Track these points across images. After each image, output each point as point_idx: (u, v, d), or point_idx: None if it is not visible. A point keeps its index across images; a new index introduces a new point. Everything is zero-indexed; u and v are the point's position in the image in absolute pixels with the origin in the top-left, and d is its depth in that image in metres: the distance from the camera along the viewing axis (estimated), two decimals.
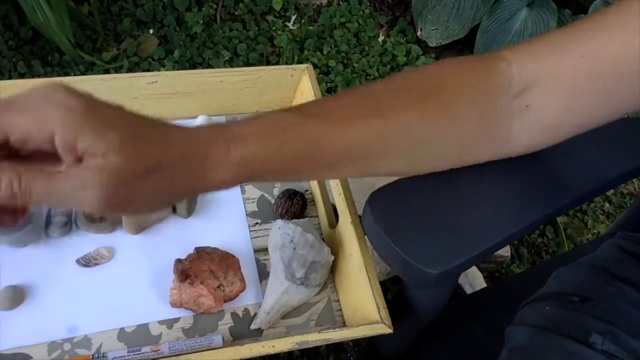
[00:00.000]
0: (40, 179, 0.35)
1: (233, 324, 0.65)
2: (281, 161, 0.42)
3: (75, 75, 1.32)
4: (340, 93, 0.50)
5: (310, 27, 1.59)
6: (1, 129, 0.35)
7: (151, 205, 0.39)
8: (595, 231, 1.35)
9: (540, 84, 0.47)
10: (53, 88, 0.36)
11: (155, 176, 0.37)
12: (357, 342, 1.02)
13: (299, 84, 0.80)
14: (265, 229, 0.72)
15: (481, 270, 1.25)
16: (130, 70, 1.38)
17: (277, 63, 1.48)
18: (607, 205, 1.38)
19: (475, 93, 0.48)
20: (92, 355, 0.59)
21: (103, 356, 0.59)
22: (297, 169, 0.44)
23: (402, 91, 0.48)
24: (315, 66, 1.49)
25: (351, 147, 0.45)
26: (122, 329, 0.62)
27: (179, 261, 0.64)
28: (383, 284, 0.62)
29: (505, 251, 1.24)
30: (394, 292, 1.08)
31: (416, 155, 0.49)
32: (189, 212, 0.70)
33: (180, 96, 0.76)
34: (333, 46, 1.55)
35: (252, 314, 0.66)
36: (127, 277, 0.65)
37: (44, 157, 0.37)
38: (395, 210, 0.51)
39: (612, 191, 1.40)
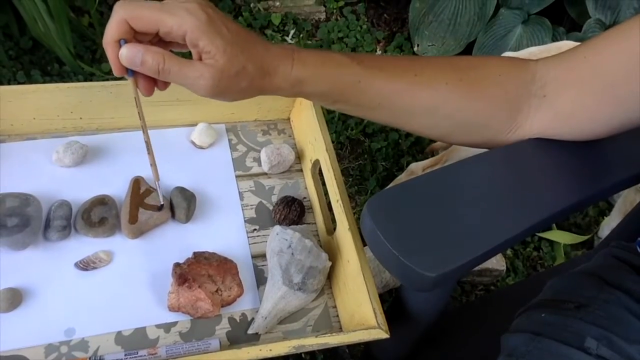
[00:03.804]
0: (176, 64, 0.50)
1: (230, 329, 0.65)
2: (327, 89, 0.55)
3: None
4: (390, 56, 0.65)
5: (309, 42, 1.61)
6: (155, 23, 0.49)
7: (238, 94, 0.54)
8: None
9: (557, 80, 0.56)
10: (190, 1, 0.50)
11: (242, 76, 0.51)
12: (353, 349, 1.02)
13: None
14: (263, 235, 0.72)
15: (476, 283, 1.25)
16: None
17: None
18: (601, 219, 1.39)
19: (501, 78, 0.57)
20: (89, 358, 0.59)
21: (100, 359, 0.59)
22: (338, 99, 0.56)
23: (438, 62, 0.59)
24: None
25: (385, 95, 0.56)
26: (119, 332, 0.62)
27: (177, 265, 0.65)
28: (379, 297, 0.63)
29: (501, 265, 1.24)
30: (389, 303, 1.08)
31: (438, 118, 0.58)
32: (188, 218, 0.71)
33: (180, 104, 0.77)
34: None
35: (249, 318, 0.66)
36: (125, 280, 0.66)
37: (179, 46, 0.53)
38: (393, 214, 0.52)
39: (606, 205, 1.41)
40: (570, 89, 0.55)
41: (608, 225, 1.31)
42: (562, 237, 1.34)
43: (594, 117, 0.56)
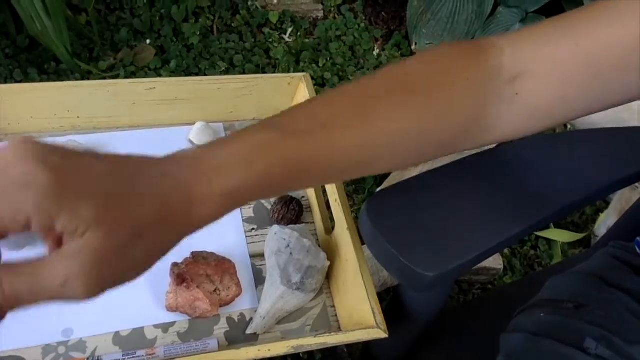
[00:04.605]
0: (24, 283, 0.32)
1: (228, 329, 0.65)
2: (265, 186, 0.40)
3: None
4: (320, 98, 0.45)
5: (306, 40, 1.61)
6: None
7: (143, 269, 0.36)
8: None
9: (533, 72, 0.46)
10: (18, 163, 0.32)
11: (141, 239, 0.34)
12: (352, 349, 1.02)
13: (296, 93, 0.81)
14: (262, 235, 0.72)
15: (473, 282, 1.25)
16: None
17: None
18: (598, 217, 1.39)
19: (468, 79, 0.47)
20: (87, 358, 0.59)
21: (98, 359, 0.59)
22: (282, 189, 0.42)
23: (389, 90, 0.45)
24: (311, 78, 1.50)
25: (337, 160, 0.43)
26: (117, 333, 0.62)
27: (175, 265, 0.64)
28: (377, 296, 0.63)
29: (498, 264, 1.25)
30: (388, 301, 1.08)
31: (409, 152, 0.48)
32: None
33: (178, 103, 0.77)
34: (328, 59, 1.57)
35: (247, 318, 0.66)
36: None
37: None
38: (392, 213, 0.52)
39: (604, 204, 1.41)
40: (553, 84, 0.47)
41: (604, 223, 1.32)
42: (559, 236, 1.34)
43: (574, 110, 0.48)
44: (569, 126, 1.41)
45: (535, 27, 0.48)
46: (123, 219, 0.33)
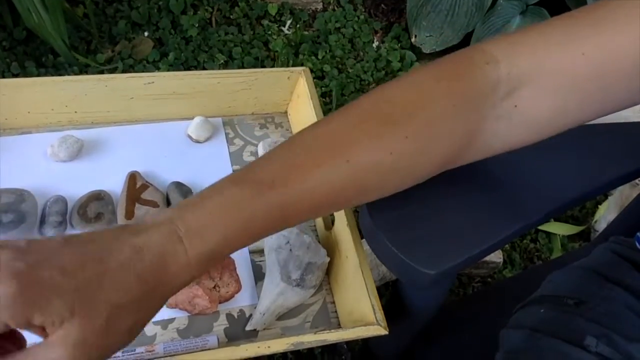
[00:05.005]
0: None
1: (228, 325, 0.64)
2: (246, 240, 0.40)
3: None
4: (297, 140, 0.44)
5: (306, 32, 1.60)
6: None
7: (127, 341, 0.38)
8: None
9: (534, 82, 0.44)
10: None
11: (120, 317, 0.35)
12: (351, 344, 1.02)
13: (296, 87, 0.81)
14: None
15: (473, 275, 1.25)
16: (124, 72, 1.38)
17: (272, 67, 1.49)
18: (598, 207, 1.39)
19: (455, 105, 0.44)
20: None
21: None
22: (260, 237, 0.42)
23: (368, 124, 0.43)
24: (310, 71, 1.49)
25: (319, 202, 0.42)
26: None
27: None
28: (377, 290, 0.62)
29: (498, 257, 1.25)
30: (387, 296, 1.08)
31: (397, 181, 0.47)
32: None
33: (176, 97, 0.76)
34: (328, 51, 1.56)
35: (247, 315, 0.66)
36: None
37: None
38: (392, 211, 0.52)
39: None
40: (553, 95, 0.44)
41: (604, 218, 1.32)
42: (559, 229, 1.34)
43: (574, 119, 0.47)
44: None
45: (535, 32, 0.46)
46: (97, 305, 0.34)
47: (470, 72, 0.45)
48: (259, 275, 0.68)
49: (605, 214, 1.32)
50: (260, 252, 0.70)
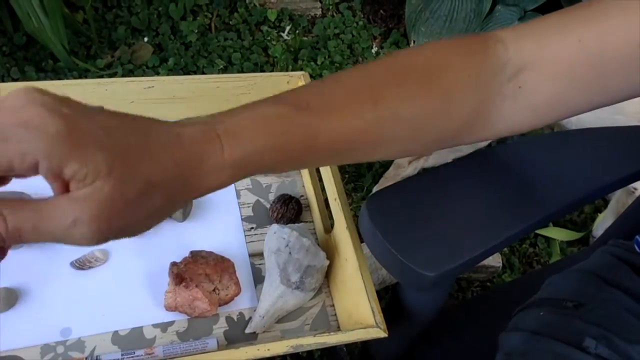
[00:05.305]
0: (28, 219, 0.31)
1: (228, 328, 0.64)
2: (276, 157, 0.40)
3: None
4: (329, 79, 0.45)
5: (305, 38, 1.60)
6: None
7: (150, 224, 0.36)
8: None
9: (536, 66, 0.46)
10: (29, 107, 0.31)
11: (150, 195, 0.34)
12: (351, 347, 1.02)
13: None
14: (261, 234, 0.72)
15: (472, 280, 1.25)
16: (124, 77, 1.38)
17: (271, 72, 1.49)
18: (597, 215, 1.39)
19: (470, 76, 0.47)
20: (86, 357, 0.59)
21: (97, 359, 0.59)
22: (292, 163, 0.43)
23: (394, 76, 0.45)
24: (309, 76, 1.50)
25: (345, 138, 0.43)
26: (116, 332, 0.62)
27: (174, 264, 0.64)
28: (376, 293, 0.63)
29: (497, 261, 1.25)
30: (387, 300, 1.08)
31: (410, 140, 0.47)
32: (184, 216, 0.70)
33: (176, 101, 0.76)
34: (327, 57, 1.56)
35: (246, 318, 0.66)
36: (122, 280, 0.65)
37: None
38: (392, 213, 0.52)
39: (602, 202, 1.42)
40: (555, 78, 0.46)
41: (602, 225, 1.32)
42: (558, 234, 1.34)
43: (575, 105, 0.48)
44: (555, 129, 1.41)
45: (538, 22, 0.48)
46: (134, 171, 0.33)
47: (482, 49, 0.47)
48: (258, 278, 0.69)
49: (603, 222, 1.32)
50: (260, 255, 0.70)
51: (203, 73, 1.44)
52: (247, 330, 0.64)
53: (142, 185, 0.33)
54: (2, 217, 0.31)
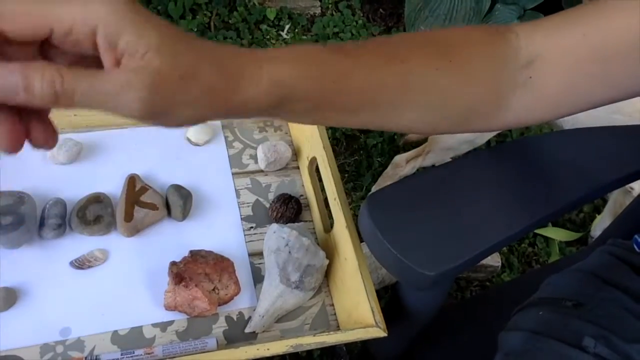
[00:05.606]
0: (83, 79, 0.33)
1: (227, 327, 0.65)
2: (309, 87, 0.42)
3: None
4: (363, 40, 0.50)
5: (304, 37, 1.60)
6: (48, 19, 0.33)
7: (186, 113, 0.38)
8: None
9: (545, 59, 0.49)
10: None
11: (193, 80, 0.36)
12: (350, 347, 1.02)
13: None
14: (260, 233, 0.72)
15: (471, 279, 1.25)
16: None
17: None
18: (596, 215, 1.40)
19: (488, 57, 0.49)
20: (85, 357, 0.59)
21: (96, 358, 0.59)
22: (323, 102, 0.44)
23: (419, 44, 0.48)
24: None
25: (374, 87, 0.45)
26: (115, 332, 0.62)
27: (173, 264, 0.64)
28: (376, 293, 0.63)
29: (496, 261, 1.25)
30: (386, 300, 1.08)
31: (429, 110, 0.49)
32: (184, 216, 0.70)
33: None
34: None
35: (246, 317, 0.66)
36: (121, 279, 0.65)
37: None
38: (392, 212, 0.52)
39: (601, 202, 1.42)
40: (561, 70, 0.49)
41: (600, 225, 1.32)
42: (557, 234, 1.35)
43: (582, 101, 0.50)
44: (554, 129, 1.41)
45: (548, 18, 0.50)
46: (183, 55, 0.36)
47: (498, 34, 0.50)
48: (258, 277, 0.69)
49: (600, 222, 1.32)
50: (260, 254, 0.70)
51: None
52: (247, 330, 0.64)
53: (187, 68, 0.36)
54: (59, 74, 0.32)
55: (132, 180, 0.71)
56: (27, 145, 0.36)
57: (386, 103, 0.47)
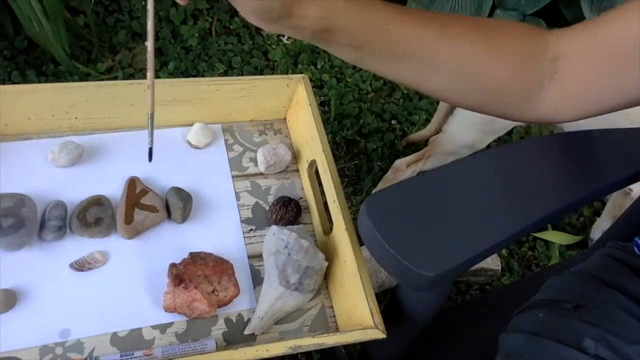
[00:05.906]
0: None
1: (226, 329, 0.65)
2: (357, 20, 0.49)
3: None
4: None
5: (304, 42, 1.61)
6: None
7: (263, 8, 0.45)
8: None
9: (568, 58, 0.53)
10: None
11: None
12: (349, 349, 1.02)
13: (295, 94, 0.81)
14: (260, 236, 0.72)
15: (471, 283, 1.25)
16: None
17: None
18: (596, 219, 1.39)
19: (521, 42, 0.54)
20: (85, 359, 0.59)
21: None
22: (364, 42, 0.50)
23: (463, 19, 0.55)
24: (309, 80, 1.50)
25: (411, 43, 0.51)
26: (114, 333, 0.62)
27: (173, 265, 0.64)
28: (375, 297, 0.63)
29: (496, 264, 1.25)
30: (386, 303, 1.09)
31: (461, 78, 0.54)
32: (184, 218, 0.70)
33: (176, 104, 0.77)
34: (327, 61, 1.57)
35: (245, 319, 0.66)
36: (121, 281, 0.65)
37: None
38: (391, 213, 0.52)
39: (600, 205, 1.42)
40: (580, 68, 0.53)
41: (599, 228, 1.32)
42: (557, 237, 1.34)
43: (598, 99, 0.54)
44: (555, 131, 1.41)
45: (573, 25, 0.55)
46: None
47: (533, 28, 0.55)
48: (257, 279, 0.69)
49: (600, 225, 1.32)
50: (259, 256, 0.70)
51: (203, 77, 1.45)
52: (246, 332, 0.64)
53: None
54: None
55: (132, 182, 0.71)
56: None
57: (423, 57, 0.52)
